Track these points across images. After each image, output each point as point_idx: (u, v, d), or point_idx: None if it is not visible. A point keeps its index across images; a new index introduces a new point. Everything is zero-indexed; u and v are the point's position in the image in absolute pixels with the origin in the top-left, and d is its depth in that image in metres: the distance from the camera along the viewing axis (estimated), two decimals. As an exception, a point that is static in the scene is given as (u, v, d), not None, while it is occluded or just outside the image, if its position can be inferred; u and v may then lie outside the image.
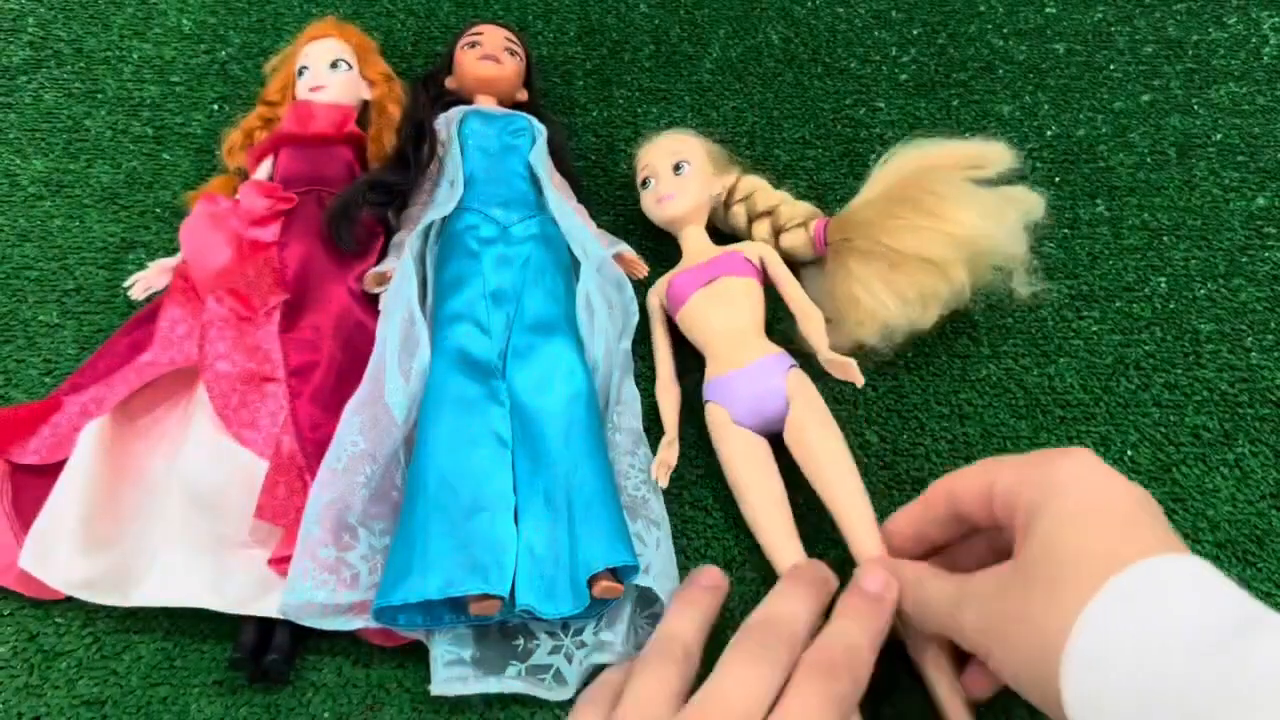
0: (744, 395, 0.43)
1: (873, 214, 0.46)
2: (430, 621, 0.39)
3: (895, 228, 0.45)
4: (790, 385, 0.43)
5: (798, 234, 0.49)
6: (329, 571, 0.39)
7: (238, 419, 0.44)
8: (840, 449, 0.42)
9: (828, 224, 0.48)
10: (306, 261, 0.49)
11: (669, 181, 0.50)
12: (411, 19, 0.67)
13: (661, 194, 0.50)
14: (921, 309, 0.45)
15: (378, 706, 0.39)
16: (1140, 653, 0.25)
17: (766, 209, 0.51)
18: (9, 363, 0.50)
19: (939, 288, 0.45)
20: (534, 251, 0.49)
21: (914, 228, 0.44)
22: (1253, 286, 0.51)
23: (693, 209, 0.50)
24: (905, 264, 0.45)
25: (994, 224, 0.44)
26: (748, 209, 0.51)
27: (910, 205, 0.45)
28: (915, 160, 0.47)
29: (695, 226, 0.50)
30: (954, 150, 0.47)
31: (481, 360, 0.44)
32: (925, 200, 0.44)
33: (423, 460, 0.41)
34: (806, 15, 0.67)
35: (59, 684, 0.40)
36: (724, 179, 0.52)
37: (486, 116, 0.54)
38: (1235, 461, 0.45)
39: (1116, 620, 0.26)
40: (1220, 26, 0.63)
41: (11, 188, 0.57)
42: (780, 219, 0.50)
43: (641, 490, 0.43)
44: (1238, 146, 0.57)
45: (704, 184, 0.50)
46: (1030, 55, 0.63)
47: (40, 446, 0.44)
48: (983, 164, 0.46)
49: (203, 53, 0.65)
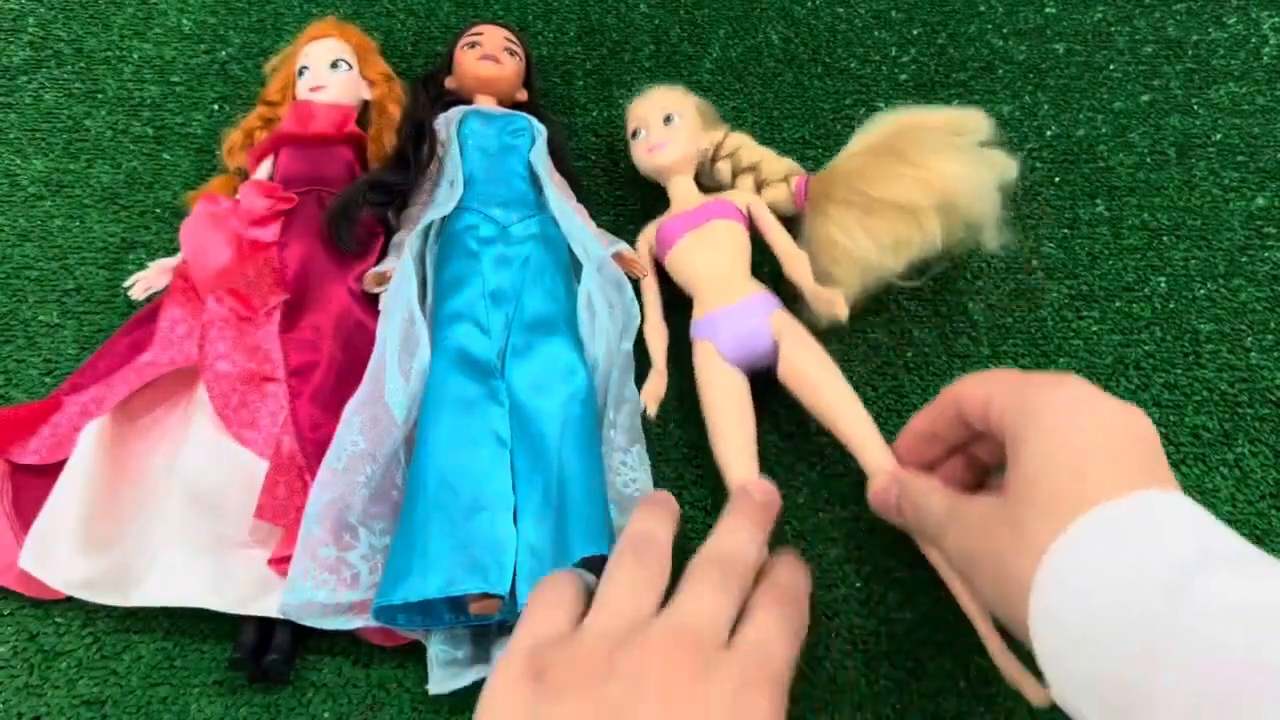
0: (731, 332, 0.45)
1: (853, 166, 0.48)
2: (430, 621, 0.39)
3: (874, 176, 0.46)
4: (776, 324, 0.45)
5: (780, 189, 0.51)
6: (329, 571, 0.39)
7: (238, 419, 0.44)
8: (836, 375, 0.43)
9: (809, 179, 0.50)
10: (306, 261, 0.49)
11: (659, 132, 0.52)
12: (411, 19, 0.67)
13: (652, 143, 0.52)
14: (893, 253, 0.46)
15: (378, 706, 0.39)
16: (1102, 591, 0.26)
17: (750, 164, 0.52)
18: (9, 363, 0.50)
19: (912, 235, 0.46)
20: (533, 251, 0.49)
21: (894, 175, 0.46)
22: (1252, 286, 0.51)
23: (681, 159, 0.52)
24: (881, 210, 0.46)
25: (970, 175, 0.46)
26: (733, 164, 0.53)
27: (891, 156, 0.47)
28: (897, 120, 0.49)
29: (683, 176, 0.52)
30: (935, 114, 0.49)
31: (481, 360, 0.45)
32: (907, 151, 0.46)
33: (422, 460, 0.41)
34: (806, 15, 0.67)
35: (59, 684, 0.40)
36: (711, 134, 0.54)
37: (486, 116, 0.54)
38: (1235, 461, 0.45)
39: (1082, 559, 0.27)
40: (1220, 26, 0.63)
41: (11, 188, 0.57)
42: (763, 174, 0.52)
43: (631, 489, 0.43)
44: (1237, 146, 0.57)
45: (692, 136, 0.52)
46: (1030, 55, 0.63)
47: (40, 446, 0.44)
48: (961, 129, 0.48)
49: (203, 53, 0.65)
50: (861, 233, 0.46)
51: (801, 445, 0.47)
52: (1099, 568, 0.26)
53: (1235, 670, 0.22)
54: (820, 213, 0.49)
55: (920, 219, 0.46)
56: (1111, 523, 0.27)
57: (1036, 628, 0.27)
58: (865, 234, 0.46)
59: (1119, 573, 0.26)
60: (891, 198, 0.46)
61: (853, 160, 0.49)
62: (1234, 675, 0.22)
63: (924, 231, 0.46)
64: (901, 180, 0.46)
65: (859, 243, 0.46)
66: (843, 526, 0.44)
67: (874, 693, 0.40)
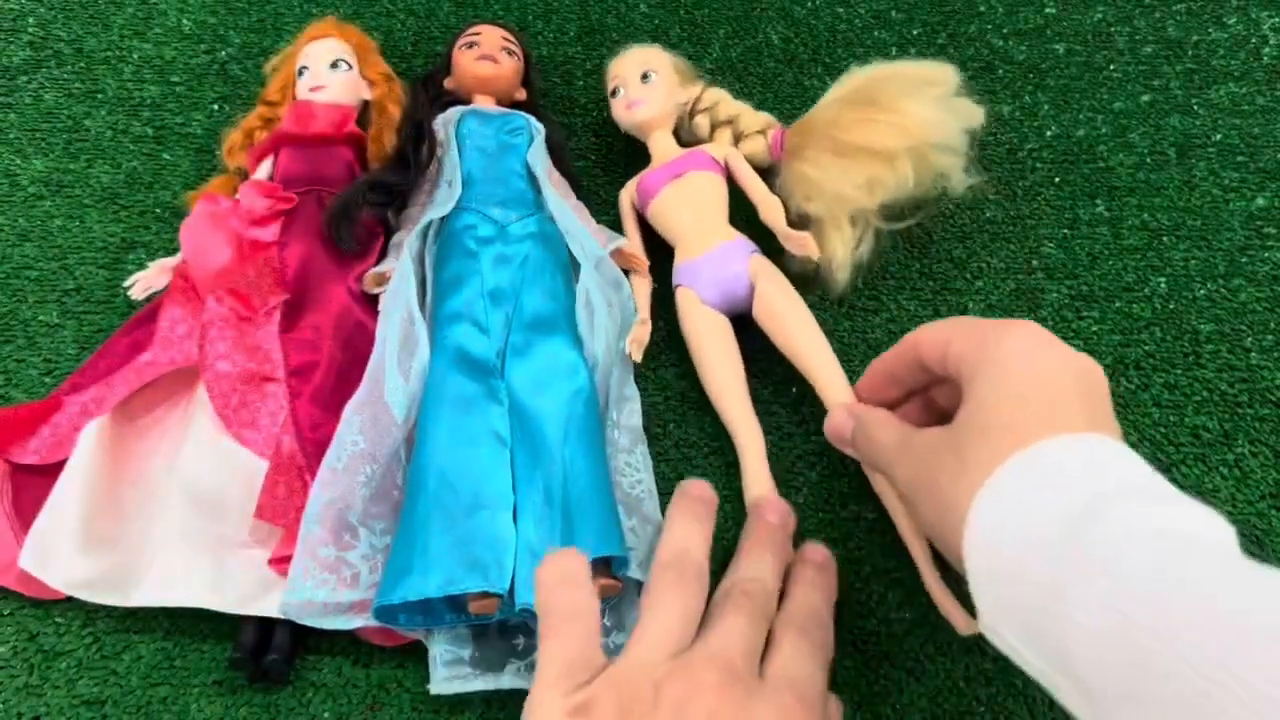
0: (711, 278, 0.47)
1: (829, 115, 0.50)
2: (431, 621, 0.39)
3: (848, 122, 0.48)
4: (753, 266, 0.47)
5: (756, 140, 0.52)
6: (329, 571, 0.39)
7: (238, 419, 0.44)
8: (806, 315, 0.45)
9: (785, 131, 0.52)
10: (306, 261, 0.49)
11: (637, 89, 0.53)
12: (411, 19, 0.67)
13: (631, 100, 0.53)
14: (868, 191, 0.48)
15: (378, 706, 0.39)
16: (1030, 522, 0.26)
17: (728, 118, 0.54)
18: (9, 363, 0.50)
19: (885, 175, 0.48)
20: (532, 250, 0.49)
21: (867, 119, 0.48)
22: (1252, 287, 0.51)
23: (659, 114, 0.53)
24: (854, 154, 0.48)
25: (940, 119, 0.48)
26: (711, 118, 0.54)
27: (865, 104, 0.48)
28: (869, 72, 0.50)
29: (662, 131, 0.54)
30: (906, 66, 0.51)
31: (480, 359, 0.45)
32: (879, 97, 0.48)
33: (422, 459, 0.41)
34: (806, 15, 0.67)
35: (59, 684, 0.40)
36: (689, 90, 0.55)
37: (484, 116, 0.54)
38: (1235, 461, 0.45)
39: (1017, 491, 0.27)
40: (1220, 26, 0.63)
41: (11, 188, 0.57)
42: (740, 126, 0.53)
43: (637, 490, 0.43)
44: (1237, 147, 0.57)
45: (669, 92, 0.54)
46: (1030, 55, 0.63)
47: (40, 446, 0.44)
48: (932, 81, 0.49)
49: (203, 53, 0.65)
50: (832, 164, 0.48)
51: (801, 445, 0.47)
52: (1029, 500, 0.27)
53: (1141, 590, 0.23)
54: (796, 158, 0.50)
55: (893, 161, 0.47)
56: (1047, 459, 0.27)
57: (970, 554, 0.28)
58: (839, 171, 0.48)
59: (1046, 504, 0.26)
60: (865, 142, 0.47)
61: (827, 110, 0.50)
62: (1139, 596, 0.23)
63: (897, 172, 0.47)
64: (875, 125, 0.47)
65: (832, 176, 0.48)
66: (843, 526, 0.44)
67: (874, 693, 0.40)
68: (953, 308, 0.51)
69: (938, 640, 0.40)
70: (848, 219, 0.49)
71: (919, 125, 0.47)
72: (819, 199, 0.49)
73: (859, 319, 0.51)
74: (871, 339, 0.50)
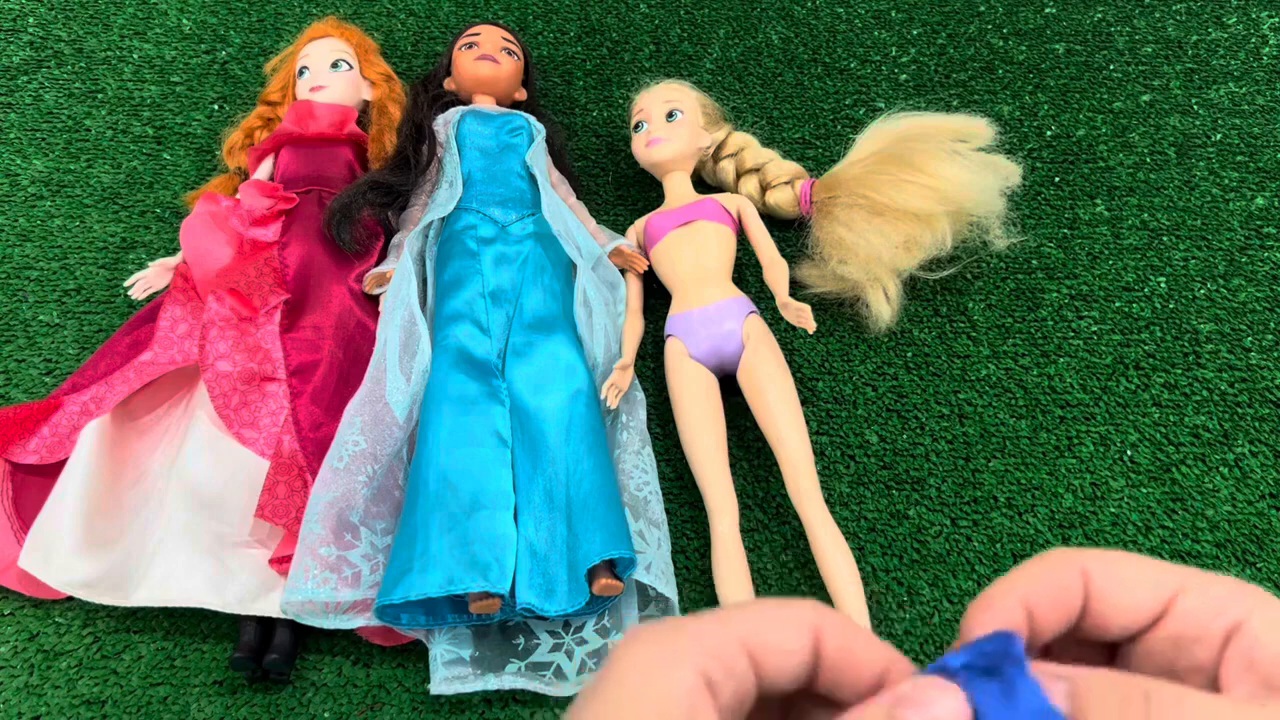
0: (703, 333, 0.46)
1: (859, 172, 0.48)
2: (432, 620, 0.39)
3: (880, 183, 0.47)
4: (748, 328, 0.45)
5: (784, 191, 0.52)
6: (330, 570, 0.39)
7: (238, 419, 0.44)
8: (788, 389, 0.44)
9: (814, 183, 0.51)
10: (307, 261, 0.49)
11: (660, 127, 0.52)
12: (411, 19, 0.67)
13: (651, 138, 0.52)
14: (905, 251, 0.47)
15: (378, 706, 0.39)
16: None
17: (754, 166, 0.53)
18: (9, 363, 0.50)
19: (922, 235, 0.47)
20: (532, 250, 0.49)
21: (898, 182, 0.46)
22: (1252, 286, 0.51)
23: (679, 156, 0.52)
24: (889, 214, 0.47)
25: (976, 181, 0.46)
26: (736, 165, 0.53)
27: (895, 162, 0.47)
28: (900, 127, 0.49)
29: (680, 173, 0.52)
30: (938, 120, 0.49)
31: (481, 359, 0.44)
32: (911, 157, 0.47)
33: (423, 459, 0.41)
34: (806, 15, 0.66)
35: (59, 684, 0.40)
36: (714, 133, 0.54)
37: (483, 116, 0.54)
38: (1235, 461, 0.45)
39: None
40: (1220, 26, 0.63)
41: (12, 188, 0.57)
42: (767, 176, 0.52)
43: (644, 492, 0.43)
44: (1237, 146, 0.57)
45: (693, 134, 0.52)
46: (1030, 55, 0.63)
47: (40, 446, 0.44)
48: (965, 136, 0.48)
49: (203, 53, 0.65)
50: (871, 230, 0.47)
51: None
52: None
53: None
54: (827, 215, 0.49)
55: (930, 221, 0.46)
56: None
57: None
58: (875, 232, 0.47)
59: None
60: (899, 205, 0.46)
61: (857, 167, 0.49)
62: None
63: (934, 232, 0.46)
64: (904, 187, 0.46)
65: (869, 240, 0.47)
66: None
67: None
68: (953, 308, 0.51)
69: (938, 640, 0.40)
70: (888, 276, 0.47)
71: (955, 189, 0.46)
72: (854, 262, 0.47)
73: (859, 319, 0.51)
74: (871, 339, 0.50)
